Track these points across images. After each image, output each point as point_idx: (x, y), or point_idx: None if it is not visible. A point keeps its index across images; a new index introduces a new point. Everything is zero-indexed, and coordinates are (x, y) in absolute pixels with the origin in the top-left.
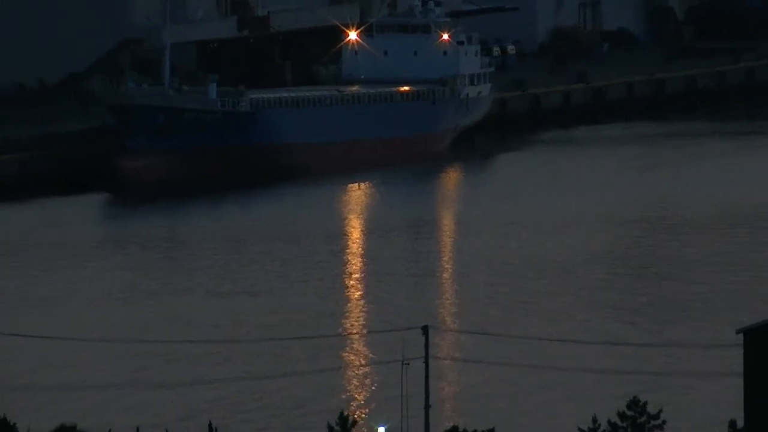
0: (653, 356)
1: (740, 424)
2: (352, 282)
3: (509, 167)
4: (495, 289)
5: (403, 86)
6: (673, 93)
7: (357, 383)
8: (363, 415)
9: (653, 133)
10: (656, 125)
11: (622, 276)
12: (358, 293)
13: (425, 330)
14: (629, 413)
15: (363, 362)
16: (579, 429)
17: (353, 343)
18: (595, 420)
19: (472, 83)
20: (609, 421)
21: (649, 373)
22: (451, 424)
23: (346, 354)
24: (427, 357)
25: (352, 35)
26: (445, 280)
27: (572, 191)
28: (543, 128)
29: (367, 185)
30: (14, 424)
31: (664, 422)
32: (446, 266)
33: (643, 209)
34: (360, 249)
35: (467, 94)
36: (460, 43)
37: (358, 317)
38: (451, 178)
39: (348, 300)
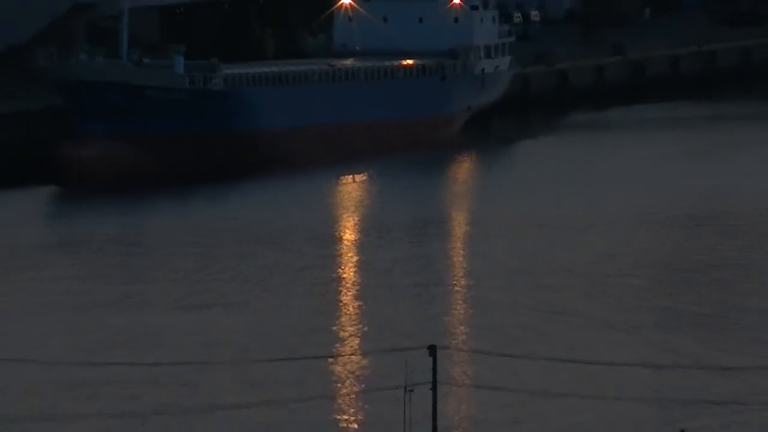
0: (702, 381)
1: None
2: (345, 293)
3: (532, 156)
4: (514, 301)
5: (406, 59)
6: (726, 68)
7: (352, 414)
8: None
9: (702, 115)
10: (706, 106)
11: (666, 286)
12: (353, 306)
13: (432, 350)
14: None
15: (359, 389)
16: None
17: (347, 366)
18: None
19: (488, 56)
20: None
21: (697, 401)
22: None
23: (339, 379)
24: (434, 382)
25: None
26: (454, 290)
27: (606, 185)
28: (572, 110)
29: (364, 177)
30: None
31: None
32: (456, 274)
33: (690, 206)
34: (355, 253)
35: (482, 69)
36: (474, 8)
37: (352, 335)
38: (463, 169)
39: (340, 314)
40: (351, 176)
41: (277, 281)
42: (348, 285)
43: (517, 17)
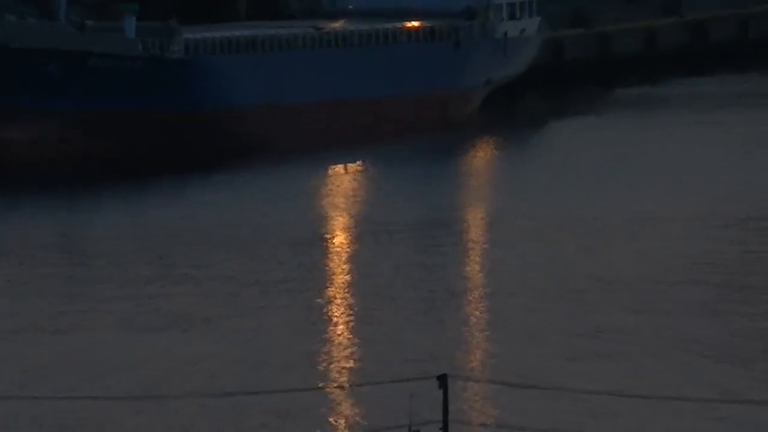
0: None
1: None
2: (334, 310)
3: (565, 142)
4: (541, 320)
5: (410, 21)
6: None
7: None
8: None
9: None
10: None
11: (729, 300)
12: (344, 327)
13: (443, 381)
14: None
15: (353, 429)
16: None
17: (338, 401)
18: None
19: (512, 16)
20: None
21: None
22: None
23: (329, 416)
24: (445, 420)
25: None
26: (469, 307)
27: (656, 178)
28: (615, 83)
29: (358, 168)
30: None
31: None
32: (471, 287)
33: (758, 204)
34: (346, 262)
35: (505, 33)
36: None
37: (344, 363)
38: (481, 159)
39: (329, 337)
40: (342, 166)
41: (251, 296)
42: (338, 301)
43: None
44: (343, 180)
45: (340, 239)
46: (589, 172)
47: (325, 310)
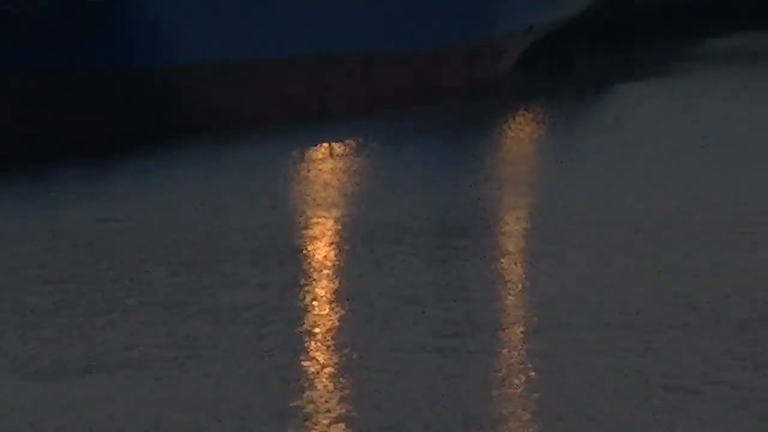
0: None
1: None
2: (314, 352)
3: (636, 112)
4: (611, 369)
5: None
6: None
7: None
8: None
9: None
10: None
11: None
12: (328, 380)
13: None
14: None
15: None
16: None
17: None
18: None
19: None
20: None
21: None
22: None
23: None
24: None
25: None
26: (502, 351)
27: (760, 161)
28: (702, 32)
29: (348, 148)
30: None
31: None
32: (505, 318)
33: None
34: (331, 281)
35: None
36: None
37: None
38: (518, 134)
39: (305, 393)
40: (326, 147)
41: (199, 330)
42: (320, 338)
43: None
44: (328, 167)
45: (322, 250)
46: (669, 155)
47: (300, 352)
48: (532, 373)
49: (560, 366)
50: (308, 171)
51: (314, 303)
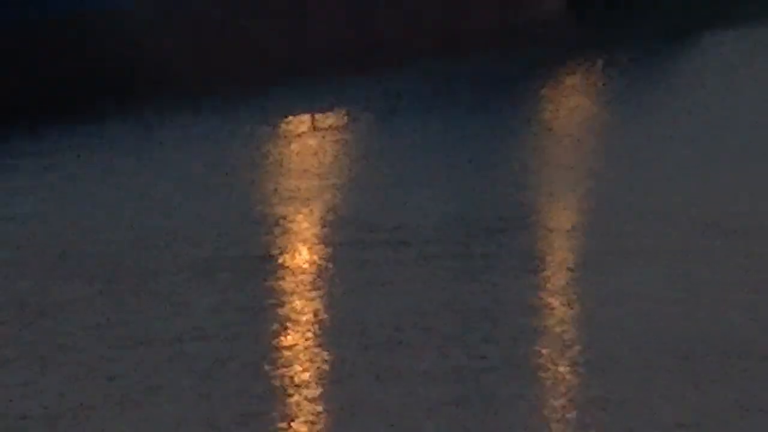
0: None
1: None
2: (293, 409)
3: (725, 77)
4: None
5: None
6: None
7: None
8: None
9: None
10: None
11: None
12: None
13: None
14: None
15: None
16: None
17: None
18: None
19: None
20: None
21: None
22: None
23: None
24: None
25: None
26: (550, 400)
27: None
28: None
29: (338, 121)
30: None
31: None
32: (550, 352)
33: None
34: (315, 302)
35: None
36: None
37: None
38: (567, 103)
39: None
40: (309, 116)
41: (140, 369)
42: (287, 400)
43: None
44: (308, 145)
45: (296, 261)
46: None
47: (271, 399)
48: None
49: (625, 413)
50: (280, 151)
51: (289, 334)
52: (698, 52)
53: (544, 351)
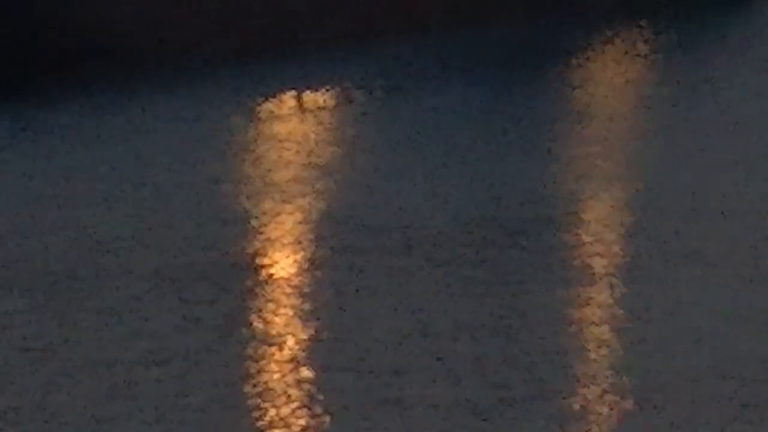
0: None
1: None
2: None
3: None
4: None
5: None
6: None
7: None
8: None
9: None
10: None
11: None
12: None
13: None
14: None
15: None
16: None
17: None
18: None
19: None
20: None
21: None
22: None
23: None
24: None
25: None
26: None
27: None
28: None
29: (331, 101)
30: None
31: None
32: (581, 382)
33: None
34: (305, 319)
35: None
36: None
37: None
38: (607, 79)
39: None
40: (294, 95)
41: (76, 409)
42: (279, 422)
43: None
44: (294, 130)
45: (281, 267)
46: None
47: None
48: None
49: None
50: (259, 138)
51: (272, 356)
52: (754, 15)
53: (575, 379)
